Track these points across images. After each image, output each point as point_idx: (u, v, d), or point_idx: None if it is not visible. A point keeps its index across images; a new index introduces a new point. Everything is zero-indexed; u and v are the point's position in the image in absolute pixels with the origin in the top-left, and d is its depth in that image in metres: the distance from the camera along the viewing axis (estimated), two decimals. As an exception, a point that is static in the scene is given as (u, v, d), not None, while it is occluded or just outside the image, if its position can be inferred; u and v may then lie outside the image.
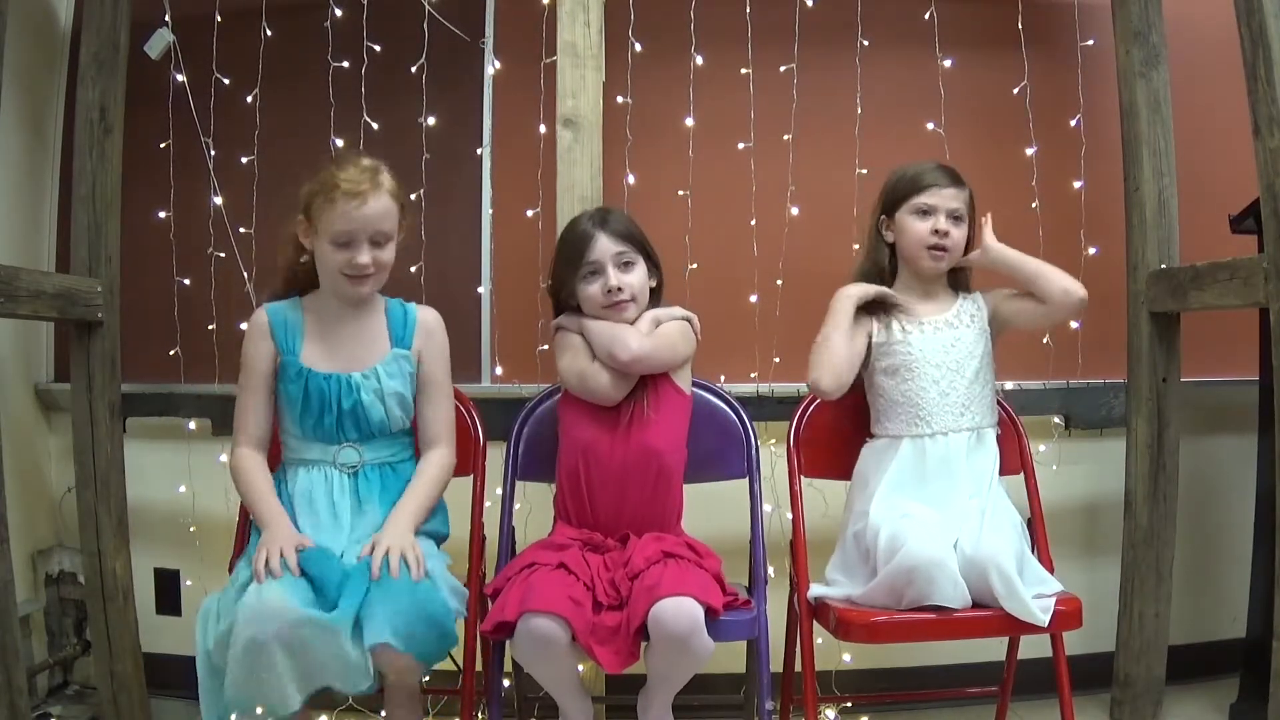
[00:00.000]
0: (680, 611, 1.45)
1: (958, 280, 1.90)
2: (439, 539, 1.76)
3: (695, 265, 2.19)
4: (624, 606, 1.52)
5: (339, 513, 1.66)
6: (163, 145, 2.21)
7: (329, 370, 1.70)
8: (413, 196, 2.24)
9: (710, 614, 1.48)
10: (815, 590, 1.73)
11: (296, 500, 1.68)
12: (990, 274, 1.89)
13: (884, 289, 1.84)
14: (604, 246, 1.75)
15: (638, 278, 1.77)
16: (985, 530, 1.63)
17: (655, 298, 1.83)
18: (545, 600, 1.47)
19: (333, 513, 1.66)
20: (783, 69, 2.21)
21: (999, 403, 1.91)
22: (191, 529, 2.25)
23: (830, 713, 2.16)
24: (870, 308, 1.84)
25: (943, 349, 1.80)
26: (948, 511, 1.70)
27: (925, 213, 1.80)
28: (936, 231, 1.79)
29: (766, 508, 1.88)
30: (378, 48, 2.21)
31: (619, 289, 1.74)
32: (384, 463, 1.72)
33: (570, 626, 1.46)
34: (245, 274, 2.21)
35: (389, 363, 1.72)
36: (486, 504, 1.86)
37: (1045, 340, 2.23)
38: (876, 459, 1.80)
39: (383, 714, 2.09)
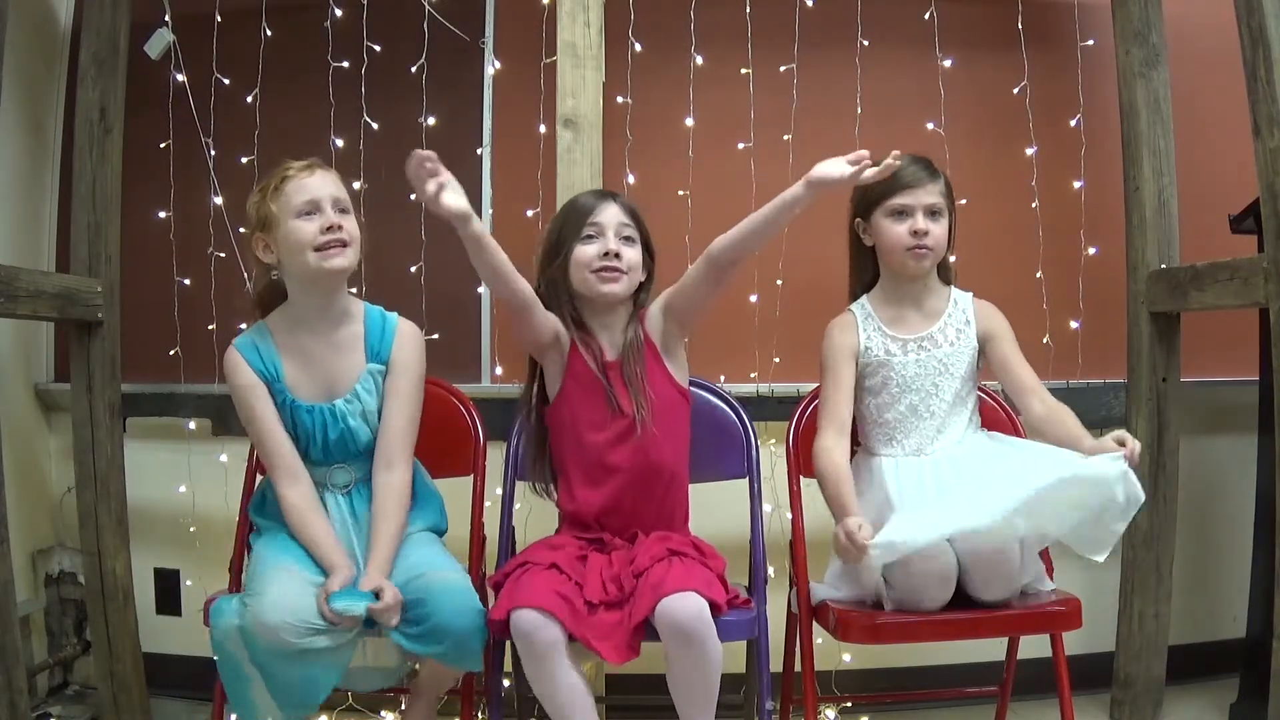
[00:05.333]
0: (686, 602, 1.45)
1: (945, 277, 1.83)
2: (439, 533, 1.76)
3: (695, 265, 2.19)
4: (624, 604, 1.52)
5: (339, 532, 1.66)
6: (163, 145, 2.21)
7: (311, 399, 1.67)
8: (412, 197, 2.23)
9: (714, 610, 1.48)
10: (820, 592, 1.72)
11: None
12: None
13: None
14: (611, 214, 1.72)
15: (635, 255, 1.73)
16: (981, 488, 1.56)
17: (643, 289, 1.78)
18: (530, 596, 1.48)
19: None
20: (783, 69, 2.21)
21: (999, 404, 1.90)
22: (191, 529, 2.25)
23: (830, 713, 2.16)
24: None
25: (925, 373, 1.75)
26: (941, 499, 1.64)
27: (901, 213, 1.72)
28: (915, 233, 1.71)
29: (766, 508, 1.88)
30: (378, 48, 2.21)
31: (616, 254, 1.69)
32: None
33: (558, 620, 1.46)
34: (245, 274, 2.20)
35: (366, 379, 1.69)
36: (486, 504, 1.86)
37: (1045, 340, 2.23)
38: (857, 473, 1.77)
39: (382, 714, 2.10)
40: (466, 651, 1.54)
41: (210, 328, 2.24)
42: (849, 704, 2.16)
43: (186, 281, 2.27)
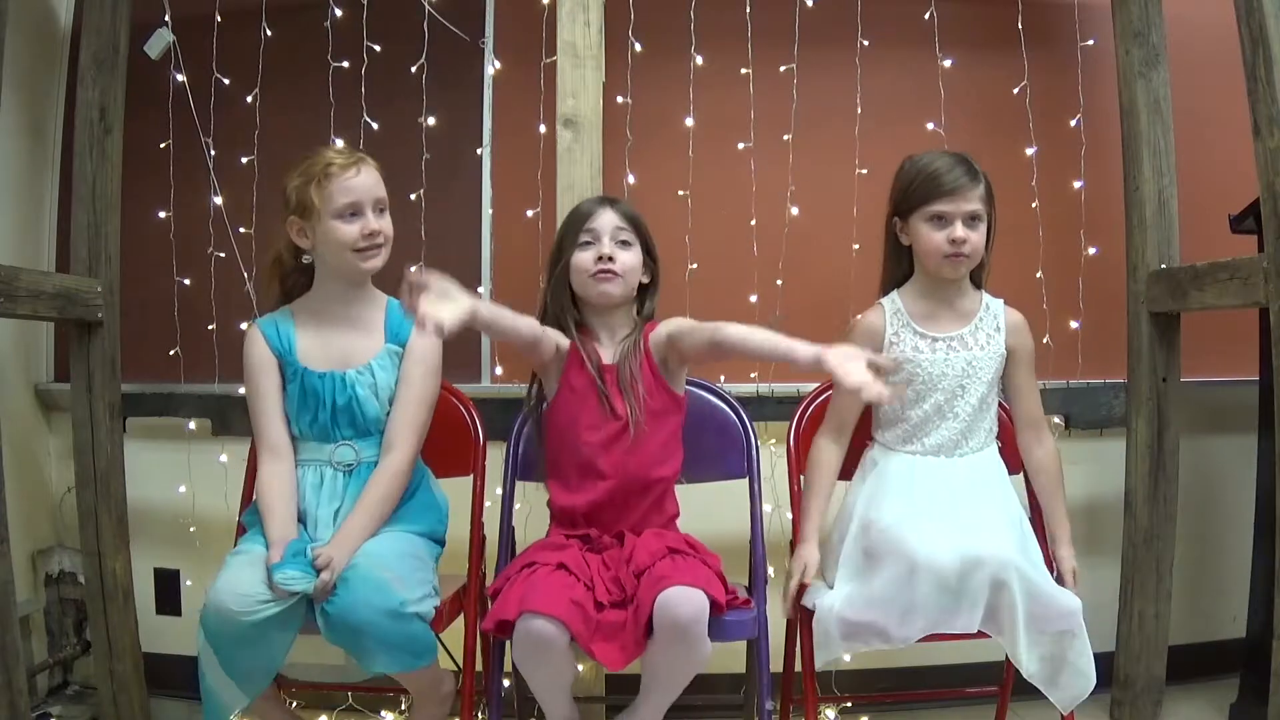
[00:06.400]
0: (688, 598, 1.45)
1: (977, 278, 1.81)
2: (434, 538, 1.75)
3: (695, 265, 2.19)
4: (627, 604, 1.52)
5: (326, 512, 1.67)
6: (163, 145, 2.21)
7: (324, 368, 1.71)
8: (412, 197, 2.25)
9: (715, 609, 1.48)
10: (823, 602, 1.70)
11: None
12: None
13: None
14: (607, 219, 1.75)
15: (632, 258, 1.75)
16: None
17: (648, 295, 1.81)
18: (545, 602, 1.46)
19: (317, 510, 1.67)
20: (783, 69, 2.21)
21: (998, 404, 1.90)
22: (191, 529, 2.25)
23: (830, 713, 2.16)
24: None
25: (952, 373, 1.73)
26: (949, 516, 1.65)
27: (939, 219, 1.70)
28: (954, 240, 1.69)
29: (766, 508, 1.88)
30: (378, 48, 2.21)
31: (610, 258, 1.72)
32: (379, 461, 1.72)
33: (569, 629, 1.46)
34: (245, 274, 2.21)
35: (383, 357, 1.73)
36: (486, 504, 1.86)
37: (1045, 340, 2.23)
38: (867, 467, 1.78)
39: (383, 714, 2.10)
40: (367, 646, 1.50)
41: (210, 328, 2.25)
42: (849, 704, 2.16)
43: (186, 281, 2.27)
